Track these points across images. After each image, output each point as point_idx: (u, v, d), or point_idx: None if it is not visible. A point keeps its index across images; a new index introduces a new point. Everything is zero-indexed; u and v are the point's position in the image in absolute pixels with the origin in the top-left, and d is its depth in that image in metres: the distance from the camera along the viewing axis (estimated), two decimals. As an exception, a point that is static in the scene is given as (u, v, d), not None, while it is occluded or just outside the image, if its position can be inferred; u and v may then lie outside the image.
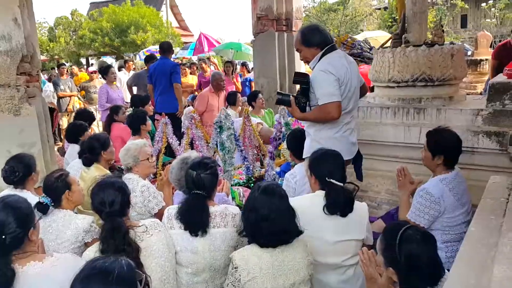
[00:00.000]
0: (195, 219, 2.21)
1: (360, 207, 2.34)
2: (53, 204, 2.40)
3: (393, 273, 1.70)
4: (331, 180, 2.23)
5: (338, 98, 2.65)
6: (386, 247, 1.75)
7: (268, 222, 1.93)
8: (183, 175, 2.51)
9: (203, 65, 9.26)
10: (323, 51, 2.78)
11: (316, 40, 2.80)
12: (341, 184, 2.25)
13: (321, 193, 2.28)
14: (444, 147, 2.55)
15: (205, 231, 2.20)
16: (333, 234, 2.23)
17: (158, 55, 7.28)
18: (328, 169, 2.28)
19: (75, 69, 11.26)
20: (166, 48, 6.19)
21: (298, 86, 2.96)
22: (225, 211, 2.29)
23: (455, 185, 2.51)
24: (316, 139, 2.82)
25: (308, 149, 2.86)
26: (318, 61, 2.79)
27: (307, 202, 2.33)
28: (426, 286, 1.62)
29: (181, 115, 5.95)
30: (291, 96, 2.86)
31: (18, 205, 1.82)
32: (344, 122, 2.80)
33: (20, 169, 2.75)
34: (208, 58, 10.90)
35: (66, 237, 2.32)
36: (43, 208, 2.35)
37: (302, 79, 2.82)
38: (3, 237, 1.71)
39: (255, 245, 1.99)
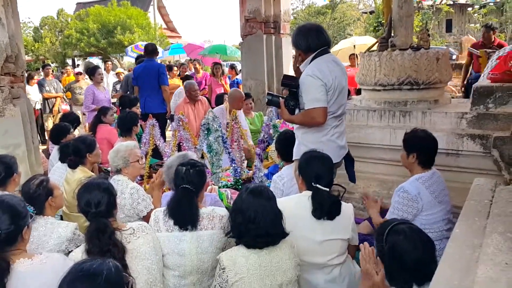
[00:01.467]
0: (184, 213, 2.21)
1: (346, 207, 2.36)
2: (35, 212, 2.31)
3: (381, 263, 1.75)
4: (317, 185, 2.25)
5: (323, 104, 2.65)
6: (378, 236, 1.79)
7: (255, 224, 1.94)
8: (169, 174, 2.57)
9: (197, 65, 9.22)
10: (314, 54, 2.76)
11: (301, 44, 2.78)
12: (327, 189, 2.27)
13: (307, 193, 2.30)
14: (417, 145, 2.64)
15: (195, 226, 2.20)
16: (319, 234, 2.24)
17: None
18: (316, 172, 2.30)
19: (69, 69, 11.05)
20: (151, 50, 6.16)
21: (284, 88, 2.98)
22: (212, 213, 2.29)
23: (431, 184, 2.58)
24: (303, 142, 2.83)
25: (296, 151, 2.87)
26: (309, 64, 2.78)
27: (293, 203, 2.34)
28: (411, 283, 1.64)
29: (169, 115, 5.95)
30: (280, 98, 2.87)
31: (13, 202, 1.81)
32: (332, 125, 2.80)
33: (1, 170, 2.70)
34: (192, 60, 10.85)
35: (48, 246, 2.26)
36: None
37: (290, 82, 2.82)
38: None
39: (243, 246, 2.00)
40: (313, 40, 2.75)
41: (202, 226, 2.23)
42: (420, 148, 2.62)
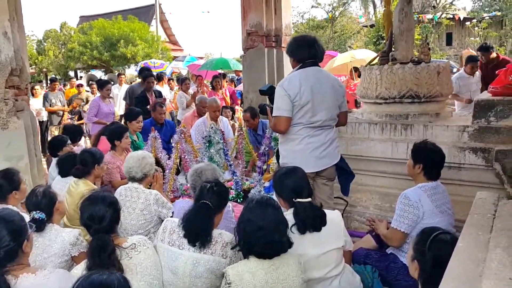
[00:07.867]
0: (198, 227, 2.17)
1: (333, 215, 2.36)
2: (46, 219, 2.36)
3: (417, 267, 1.79)
4: (298, 200, 2.25)
5: (285, 113, 2.78)
6: (418, 240, 1.83)
7: (263, 231, 1.94)
8: (195, 180, 2.76)
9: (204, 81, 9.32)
10: (300, 65, 2.89)
11: (294, 54, 2.94)
12: (309, 200, 2.27)
13: (291, 211, 2.28)
14: (424, 157, 2.64)
15: (203, 244, 2.15)
16: (313, 249, 2.21)
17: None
18: (291, 187, 2.30)
19: (74, 81, 11.17)
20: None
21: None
22: (217, 238, 2.20)
23: (434, 193, 2.58)
24: (281, 151, 2.98)
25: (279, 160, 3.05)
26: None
27: None
28: None
29: None
30: (267, 107, 3.10)
31: (11, 218, 1.80)
32: (305, 135, 2.84)
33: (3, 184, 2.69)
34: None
35: (53, 251, 2.29)
36: (40, 224, 2.30)
37: (265, 90, 3.13)
38: None
39: (250, 261, 1.98)
40: (304, 52, 2.89)
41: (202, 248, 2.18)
42: (427, 159, 2.63)
